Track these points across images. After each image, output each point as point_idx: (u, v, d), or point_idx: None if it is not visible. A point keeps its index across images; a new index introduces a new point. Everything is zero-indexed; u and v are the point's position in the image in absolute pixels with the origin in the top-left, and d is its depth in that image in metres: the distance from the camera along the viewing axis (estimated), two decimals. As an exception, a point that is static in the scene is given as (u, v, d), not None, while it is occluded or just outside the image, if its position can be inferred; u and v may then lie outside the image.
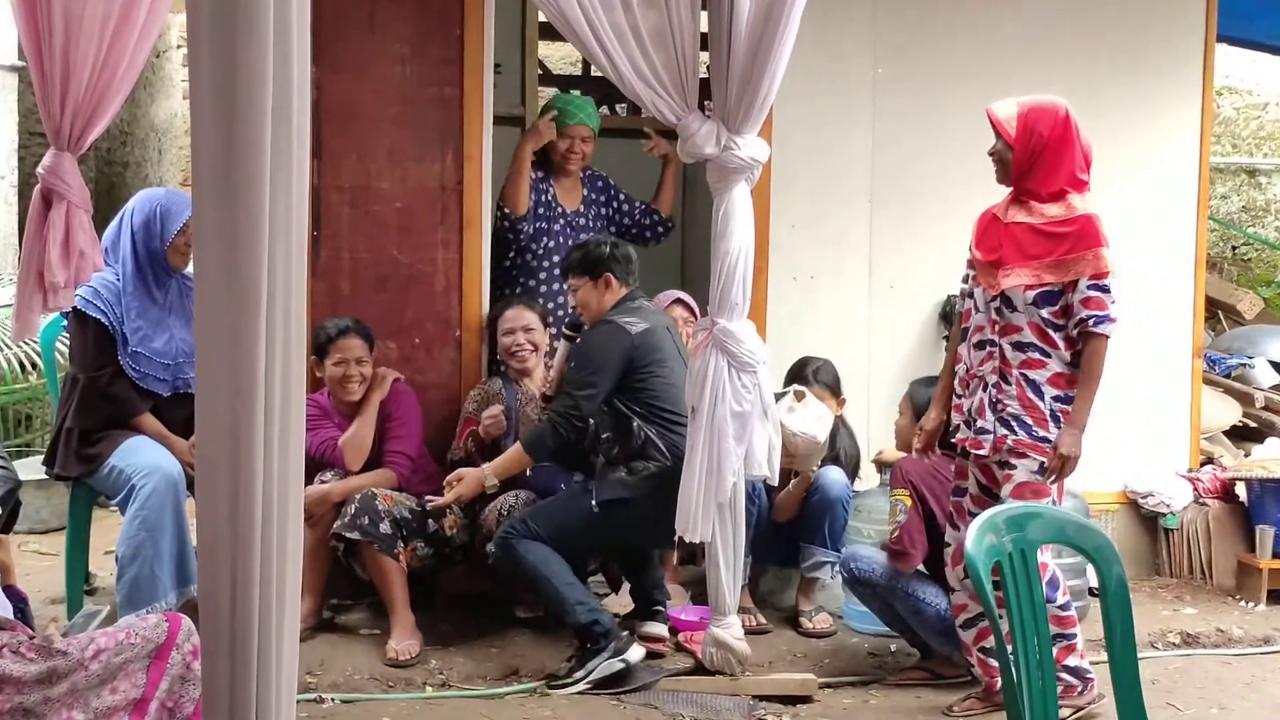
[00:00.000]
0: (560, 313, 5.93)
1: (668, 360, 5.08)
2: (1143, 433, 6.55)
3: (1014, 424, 4.48)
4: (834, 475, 5.52)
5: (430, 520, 5.24)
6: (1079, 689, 4.65)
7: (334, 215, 5.63)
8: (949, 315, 6.38)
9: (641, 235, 6.33)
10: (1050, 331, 4.45)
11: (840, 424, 5.68)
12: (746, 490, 4.99)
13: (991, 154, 4.59)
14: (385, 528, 5.08)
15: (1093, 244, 4.39)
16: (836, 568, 5.52)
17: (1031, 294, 4.44)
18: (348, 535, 5.05)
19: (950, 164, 6.36)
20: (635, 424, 5.00)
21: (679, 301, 5.79)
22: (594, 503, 4.96)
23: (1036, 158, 4.46)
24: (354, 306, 5.57)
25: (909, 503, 4.91)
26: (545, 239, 5.95)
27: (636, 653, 4.90)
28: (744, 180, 4.74)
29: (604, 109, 8.17)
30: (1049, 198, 4.47)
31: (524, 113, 7.02)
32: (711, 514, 4.71)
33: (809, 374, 5.64)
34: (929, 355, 6.41)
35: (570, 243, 5.98)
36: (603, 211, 6.21)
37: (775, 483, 5.17)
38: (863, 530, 5.60)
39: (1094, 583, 3.54)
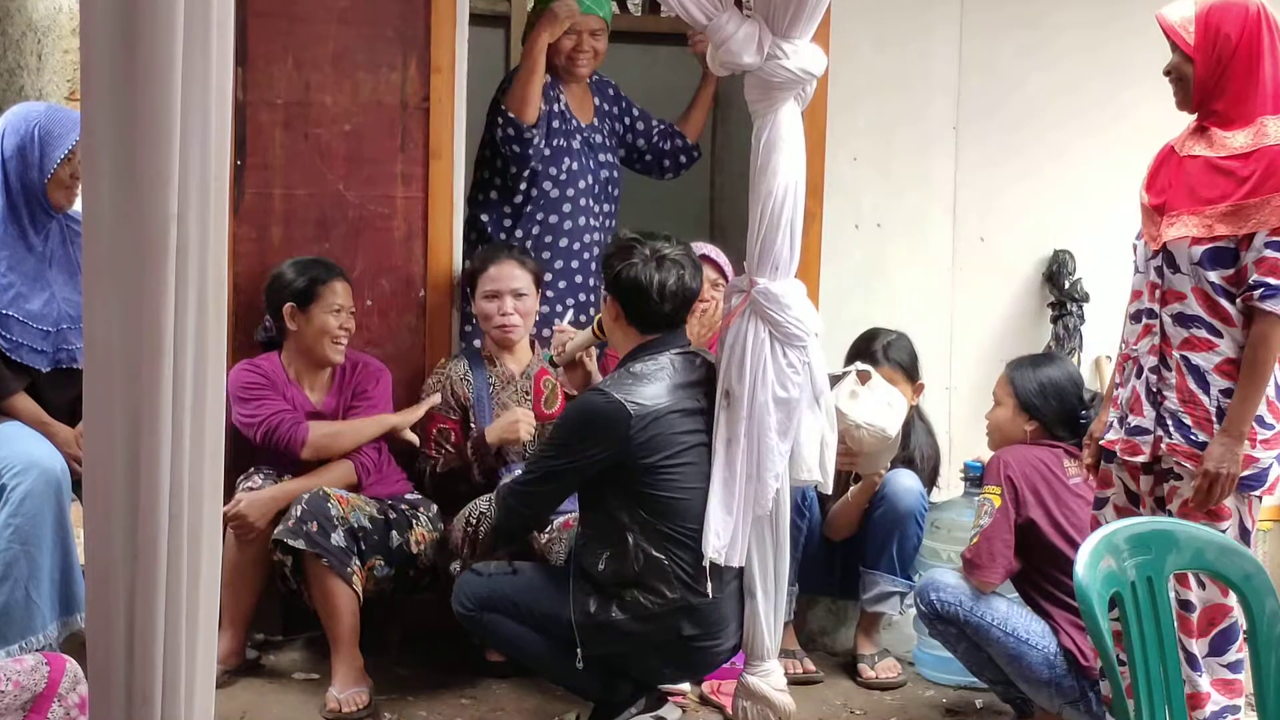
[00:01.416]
0: (588, 257, 5.94)
1: (683, 456, 4.71)
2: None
3: (1170, 422, 4.38)
4: (906, 482, 5.51)
5: (394, 532, 5.24)
6: None
7: (263, 139, 5.62)
8: (1056, 277, 6.37)
9: (659, 164, 6.31)
10: (1223, 302, 4.30)
11: (916, 415, 5.67)
12: (792, 500, 4.98)
13: (1167, 72, 4.46)
14: (338, 538, 5.07)
15: None
16: (907, 599, 5.52)
17: (1199, 250, 4.31)
18: (290, 542, 5.03)
19: (1061, 88, 6.35)
20: (631, 540, 4.66)
21: (704, 259, 5.74)
22: (579, 655, 4.70)
23: (1224, 71, 4.33)
24: (287, 257, 5.55)
25: (998, 503, 4.91)
26: (566, 160, 5.90)
27: (673, 711, 4.95)
28: (793, 99, 4.71)
29: (613, 5, 8.15)
30: (1239, 122, 4.33)
31: (508, 9, 7.02)
32: (748, 531, 4.71)
33: (877, 351, 5.63)
34: (1029, 329, 6.40)
35: (591, 164, 5.95)
36: (616, 127, 6.20)
37: (829, 490, 5.15)
38: (940, 552, 5.60)
39: (1240, 621, 3.54)
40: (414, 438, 5.48)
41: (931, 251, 6.42)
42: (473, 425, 5.49)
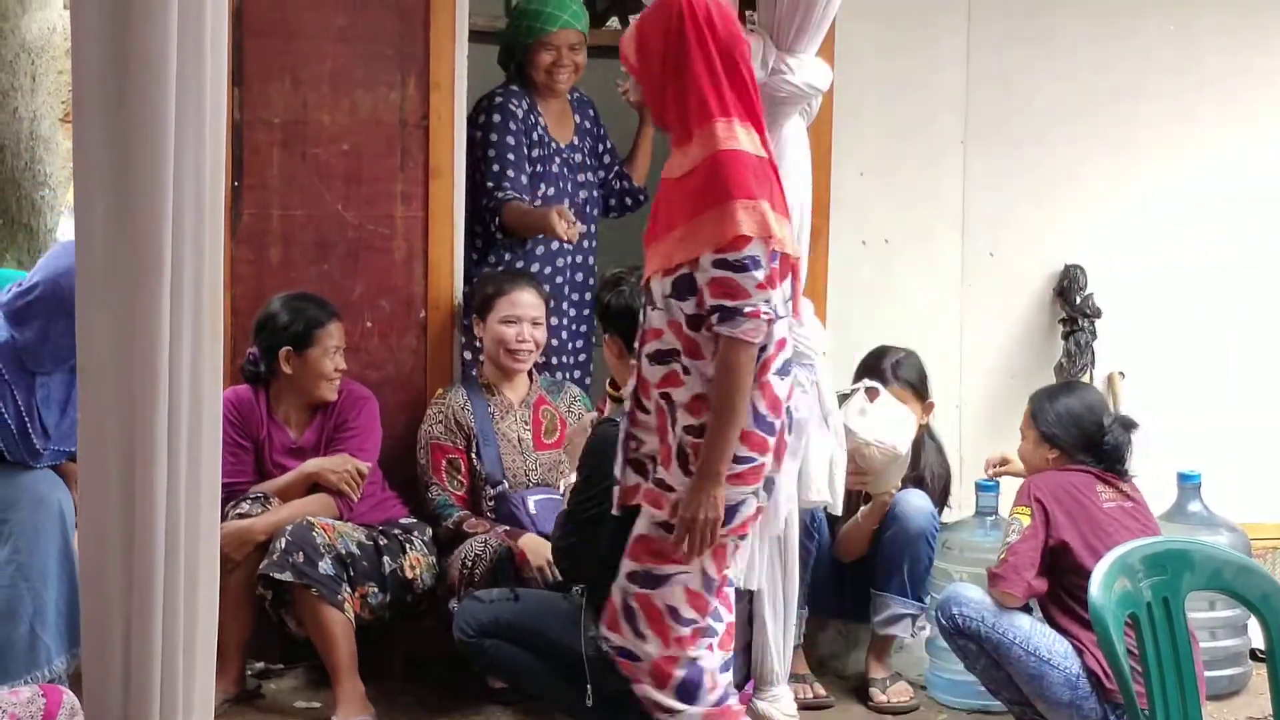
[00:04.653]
0: (560, 280, 5.89)
1: None
2: (1320, 445, 6.54)
3: (649, 466, 4.13)
4: (917, 501, 5.49)
5: (385, 558, 5.23)
6: None
7: (260, 160, 5.60)
8: (1067, 292, 6.35)
9: (605, 201, 6.29)
10: (690, 333, 3.98)
11: (926, 434, 5.65)
12: (801, 521, 4.96)
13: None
14: (326, 567, 5.06)
15: (718, 197, 3.89)
16: (919, 622, 5.50)
17: (668, 281, 4.00)
18: (277, 575, 5.02)
19: (1071, 102, 6.36)
20: None
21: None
22: (589, 691, 4.56)
23: (661, 86, 4.04)
24: (286, 279, 5.55)
25: (1026, 522, 4.89)
26: (543, 185, 5.89)
27: None
28: (798, 114, 4.73)
29: (614, 21, 8.15)
30: (684, 139, 4.03)
31: (508, 25, 6.99)
32: (765, 554, 4.69)
33: (886, 369, 5.61)
34: (1040, 346, 6.38)
35: (569, 186, 5.94)
36: (597, 148, 6.19)
37: (839, 511, 5.14)
38: (952, 573, 5.57)
39: (1258, 643, 3.52)
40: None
41: (940, 267, 6.41)
42: (475, 456, 5.47)
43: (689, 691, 4.06)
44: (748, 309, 3.85)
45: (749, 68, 4.03)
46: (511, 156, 5.83)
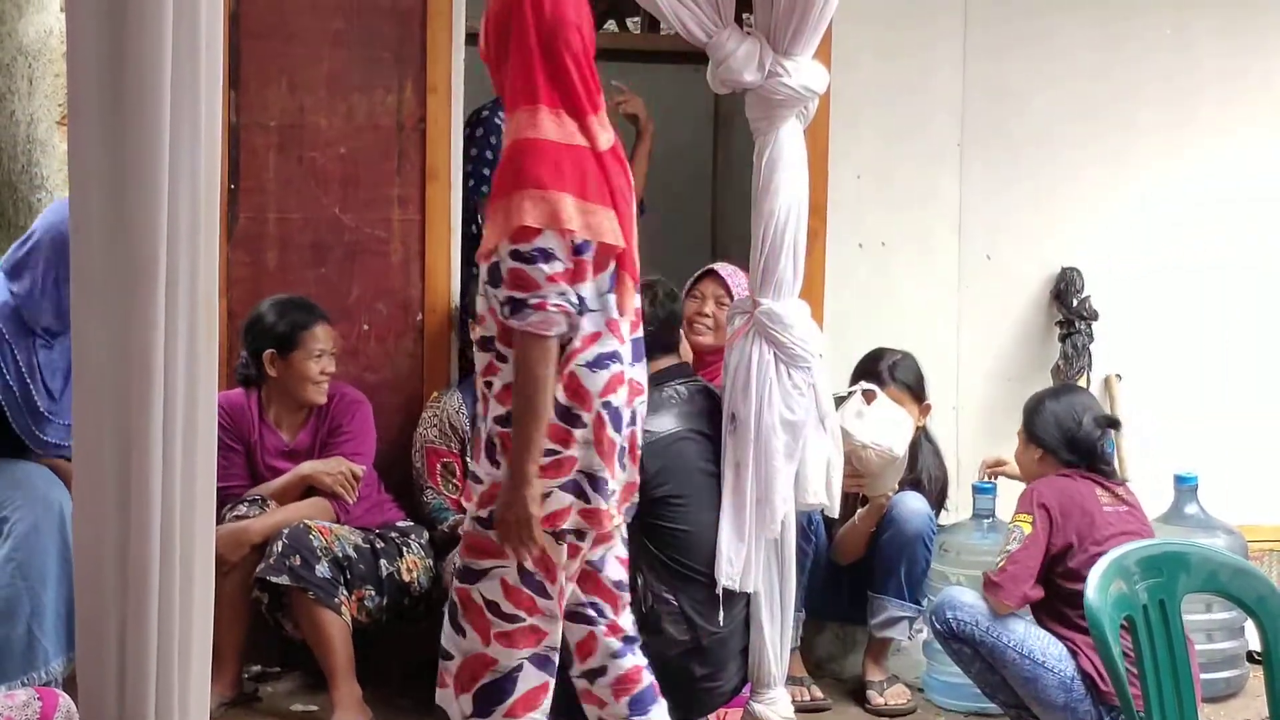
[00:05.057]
0: None
1: (694, 487, 4.72)
2: (1318, 447, 6.53)
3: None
4: (914, 504, 5.49)
5: (383, 561, 5.22)
6: None
7: (256, 163, 5.61)
8: (1064, 295, 6.36)
9: None
10: (505, 321, 3.82)
11: (923, 436, 5.66)
12: (799, 524, 4.96)
13: None
14: (323, 570, 5.06)
15: (507, 187, 3.76)
16: (916, 624, 5.50)
17: (485, 269, 3.85)
18: (274, 579, 5.02)
19: (1067, 106, 6.38)
20: (640, 580, 4.60)
21: (711, 274, 5.70)
22: None
23: (500, 72, 3.92)
24: (283, 282, 5.56)
25: (1028, 530, 4.89)
26: None
27: None
28: (795, 117, 4.72)
29: (611, 23, 8.15)
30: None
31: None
32: (760, 556, 4.69)
33: (883, 371, 5.61)
34: (1037, 348, 6.38)
35: None
36: None
37: (836, 514, 5.14)
38: (950, 576, 5.58)
39: (1255, 645, 3.52)
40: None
41: (937, 270, 6.41)
42: (470, 460, 5.46)
43: (487, 699, 3.90)
44: (533, 301, 3.69)
45: (574, 54, 3.85)
46: (487, 171, 5.83)
